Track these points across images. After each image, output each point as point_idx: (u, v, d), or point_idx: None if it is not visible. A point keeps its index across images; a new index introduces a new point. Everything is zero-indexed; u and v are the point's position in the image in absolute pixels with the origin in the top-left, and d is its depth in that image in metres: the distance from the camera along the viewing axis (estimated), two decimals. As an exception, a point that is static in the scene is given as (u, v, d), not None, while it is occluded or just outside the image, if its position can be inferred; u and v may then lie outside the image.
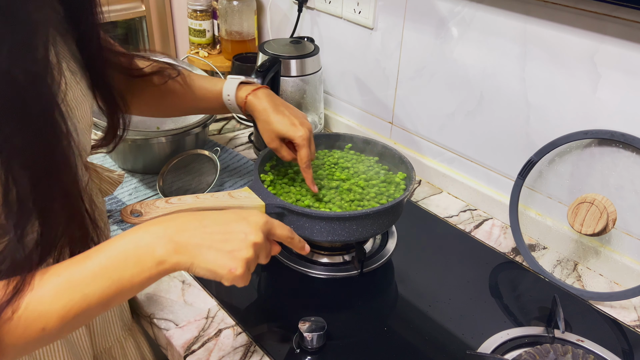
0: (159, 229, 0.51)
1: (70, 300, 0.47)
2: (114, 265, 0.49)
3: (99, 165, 0.80)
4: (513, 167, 1.01)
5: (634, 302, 0.87)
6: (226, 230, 0.53)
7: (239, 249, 0.52)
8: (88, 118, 0.62)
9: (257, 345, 0.75)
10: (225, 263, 0.52)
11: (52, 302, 0.46)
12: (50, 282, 0.47)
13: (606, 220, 0.82)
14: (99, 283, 0.48)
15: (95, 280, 0.48)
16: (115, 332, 0.77)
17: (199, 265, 0.51)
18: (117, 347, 0.77)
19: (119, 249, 0.50)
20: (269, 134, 0.83)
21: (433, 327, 0.80)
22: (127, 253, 0.49)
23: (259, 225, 0.55)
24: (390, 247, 0.95)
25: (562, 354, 0.70)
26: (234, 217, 0.55)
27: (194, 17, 1.48)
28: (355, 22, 1.20)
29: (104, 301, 0.49)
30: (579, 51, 0.85)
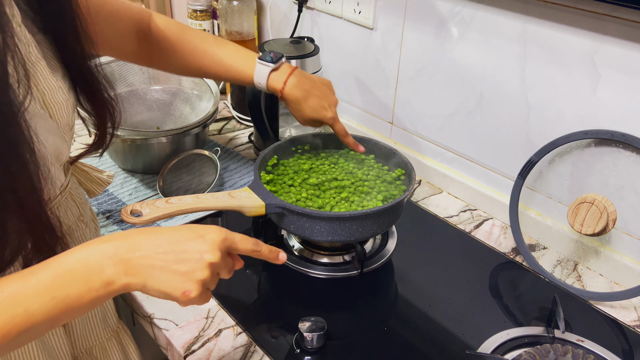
0: (108, 248, 0.48)
1: (13, 317, 0.44)
2: (60, 284, 0.46)
3: (89, 165, 0.79)
4: (513, 167, 1.01)
5: (634, 302, 0.87)
6: (181, 250, 0.50)
7: (194, 270, 0.49)
8: (68, 118, 0.61)
9: (257, 345, 0.75)
10: (179, 285, 0.49)
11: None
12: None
13: (606, 220, 0.82)
14: (43, 301, 0.45)
15: (39, 298, 0.45)
16: (96, 333, 0.75)
17: (152, 287, 0.49)
18: (98, 347, 0.76)
19: (66, 267, 0.47)
20: (301, 119, 0.91)
21: (433, 327, 0.80)
22: (74, 272, 0.47)
23: (216, 244, 0.51)
24: (390, 247, 0.95)
25: (562, 354, 0.70)
26: (190, 235, 0.51)
27: (194, 17, 1.48)
28: (355, 22, 1.20)
29: (50, 319, 0.46)
30: (579, 51, 0.85)
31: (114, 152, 1.12)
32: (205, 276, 0.50)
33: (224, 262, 0.52)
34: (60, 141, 0.60)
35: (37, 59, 0.57)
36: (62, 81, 0.60)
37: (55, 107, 0.59)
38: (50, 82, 0.58)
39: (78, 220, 0.70)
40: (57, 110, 0.59)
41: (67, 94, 0.61)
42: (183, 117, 1.21)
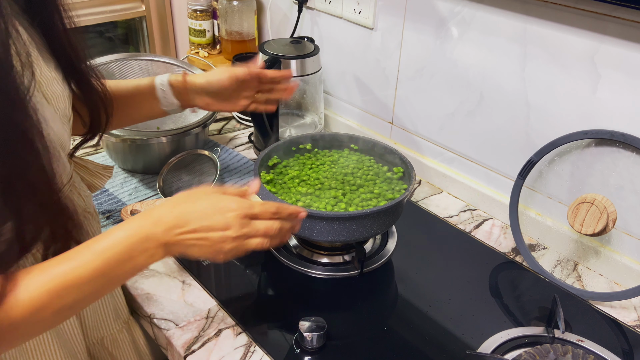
0: (147, 232, 0.55)
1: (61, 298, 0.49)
2: (109, 266, 0.52)
3: (89, 160, 0.79)
4: (513, 167, 1.01)
5: (634, 302, 0.87)
6: (206, 227, 0.57)
7: (219, 244, 0.57)
8: (65, 109, 0.62)
9: (257, 345, 0.75)
10: (209, 256, 0.58)
11: (49, 297, 0.49)
12: (45, 279, 0.49)
13: (606, 220, 0.82)
14: (97, 282, 0.51)
15: (93, 281, 0.51)
16: (108, 324, 0.77)
17: (188, 254, 0.58)
18: (109, 339, 0.77)
19: (112, 251, 0.53)
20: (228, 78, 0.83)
21: (433, 327, 0.80)
22: (121, 254, 0.53)
23: (237, 219, 0.58)
24: (390, 247, 0.95)
25: (562, 354, 0.70)
26: (212, 211, 0.58)
27: (194, 17, 1.48)
28: (355, 22, 1.20)
29: (97, 295, 0.53)
30: (579, 51, 0.85)
31: (114, 152, 1.12)
32: (229, 247, 0.58)
33: (249, 229, 0.59)
34: (62, 130, 0.61)
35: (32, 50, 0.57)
36: (56, 72, 0.61)
37: (53, 98, 0.59)
38: (46, 72, 0.59)
39: (85, 212, 0.71)
40: (55, 100, 0.60)
41: (62, 85, 0.61)
42: (183, 117, 1.21)
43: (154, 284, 0.85)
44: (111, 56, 1.18)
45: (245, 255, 0.60)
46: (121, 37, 1.71)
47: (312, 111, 1.26)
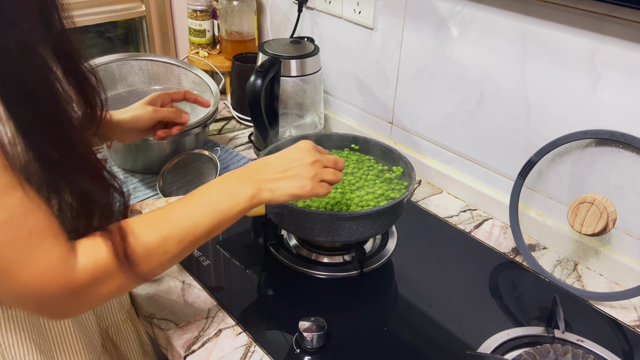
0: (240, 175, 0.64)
1: (185, 227, 0.57)
2: (216, 200, 0.61)
3: None
4: (513, 167, 1.00)
5: (634, 302, 0.87)
6: (286, 162, 0.67)
7: (301, 172, 0.66)
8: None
9: (257, 345, 0.75)
10: (295, 185, 0.65)
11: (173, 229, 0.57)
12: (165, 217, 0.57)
13: (606, 220, 0.82)
14: (207, 213, 0.59)
15: (204, 212, 0.59)
16: (112, 314, 0.78)
17: (279, 193, 0.65)
18: (113, 328, 0.78)
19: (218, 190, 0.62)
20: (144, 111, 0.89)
21: (433, 327, 0.80)
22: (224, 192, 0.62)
23: (309, 148, 0.69)
24: (390, 247, 0.95)
25: (562, 354, 0.70)
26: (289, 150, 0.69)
27: (194, 17, 1.48)
28: (355, 22, 1.20)
29: (210, 228, 0.59)
30: (579, 51, 0.85)
31: (113, 152, 1.12)
32: (312, 172, 0.67)
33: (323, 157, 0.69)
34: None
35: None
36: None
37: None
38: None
39: None
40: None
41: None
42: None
43: (154, 284, 0.85)
44: (111, 56, 1.18)
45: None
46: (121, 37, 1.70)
47: (312, 111, 1.26)
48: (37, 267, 0.48)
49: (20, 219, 0.47)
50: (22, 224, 0.47)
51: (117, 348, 0.79)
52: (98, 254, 0.51)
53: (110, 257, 0.52)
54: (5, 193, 0.46)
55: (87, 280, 0.51)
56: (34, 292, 0.49)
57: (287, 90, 1.19)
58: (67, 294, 0.50)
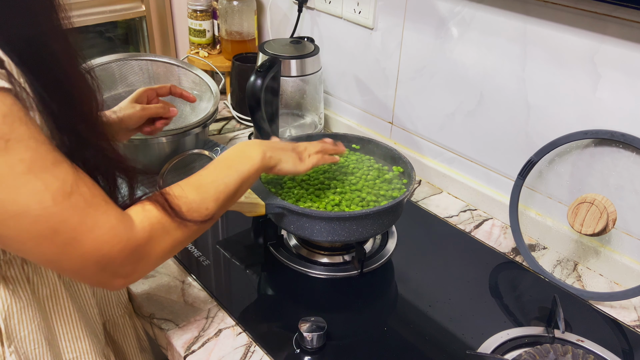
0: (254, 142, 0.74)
1: (217, 187, 0.65)
2: (237, 163, 0.69)
3: None
4: (513, 167, 1.00)
5: (634, 302, 0.87)
6: (293, 146, 0.80)
7: (303, 155, 0.80)
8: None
9: (257, 345, 0.75)
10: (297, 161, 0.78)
11: (207, 190, 0.64)
12: (200, 180, 0.64)
13: (606, 220, 0.82)
14: (232, 175, 0.67)
15: (230, 173, 0.67)
16: (110, 307, 0.78)
17: (286, 160, 0.76)
18: (110, 323, 0.78)
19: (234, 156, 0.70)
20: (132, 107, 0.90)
21: (433, 327, 0.80)
22: (242, 156, 0.71)
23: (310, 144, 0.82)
24: (390, 247, 0.95)
25: (562, 354, 0.70)
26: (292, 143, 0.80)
27: (194, 17, 1.48)
28: (355, 22, 1.20)
29: (237, 187, 0.67)
30: (579, 51, 0.85)
31: (114, 152, 1.12)
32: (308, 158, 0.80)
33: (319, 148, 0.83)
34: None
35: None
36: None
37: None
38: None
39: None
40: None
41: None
42: (183, 117, 1.21)
43: (154, 284, 0.85)
44: (111, 56, 1.18)
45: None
46: (121, 37, 1.70)
47: (312, 111, 1.26)
48: (99, 230, 0.50)
49: (75, 187, 0.49)
50: (77, 191, 0.49)
51: (114, 342, 0.79)
52: (150, 211, 0.56)
53: (161, 212, 0.57)
54: (57, 165, 0.49)
55: (146, 237, 0.55)
56: (99, 255, 0.51)
57: (287, 90, 1.19)
58: (129, 254, 0.53)
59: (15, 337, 0.59)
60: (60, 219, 0.48)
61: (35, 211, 0.47)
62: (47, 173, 0.47)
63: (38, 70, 0.49)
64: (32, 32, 0.48)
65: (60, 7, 0.51)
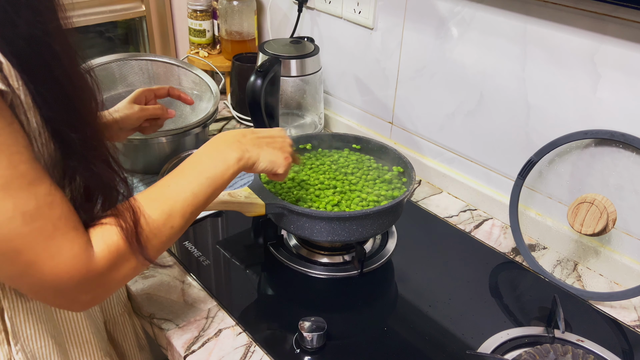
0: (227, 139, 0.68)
1: (185, 199, 0.59)
2: (207, 168, 0.63)
3: None
4: (513, 167, 1.00)
5: (634, 302, 0.87)
6: (271, 135, 0.73)
7: (284, 148, 0.73)
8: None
9: (257, 345, 0.75)
10: (279, 155, 0.71)
11: (174, 204, 0.58)
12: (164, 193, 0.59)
13: (606, 220, 0.82)
14: (201, 182, 0.61)
15: (198, 181, 0.61)
16: (110, 306, 0.78)
17: (264, 158, 0.69)
18: (111, 322, 0.78)
19: (206, 158, 0.64)
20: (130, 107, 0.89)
21: (433, 327, 0.80)
22: (213, 158, 0.64)
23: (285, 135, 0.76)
24: (390, 247, 0.95)
25: (562, 354, 0.70)
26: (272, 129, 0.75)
27: (194, 17, 1.48)
28: (355, 22, 1.20)
29: (207, 195, 0.61)
30: (579, 51, 0.85)
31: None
32: (290, 150, 0.74)
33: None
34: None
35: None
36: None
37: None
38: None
39: None
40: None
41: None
42: (183, 117, 1.21)
43: (154, 284, 0.85)
44: (111, 56, 1.18)
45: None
46: (121, 37, 1.70)
47: (312, 111, 1.26)
48: (61, 258, 0.49)
49: (47, 210, 0.48)
50: (48, 215, 0.48)
51: (113, 341, 0.79)
52: (110, 238, 0.53)
53: (121, 240, 0.53)
54: (34, 183, 0.47)
55: (106, 266, 0.52)
56: (59, 282, 0.50)
57: (287, 90, 1.19)
58: (89, 282, 0.52)
59: (21, 336, 0.59)
60: (25, 241, 0.47)
61: (2, 230, 0.46)
62: (22, 192, 0.46)
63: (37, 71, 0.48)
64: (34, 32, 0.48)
65: (62, 7, 0.51)
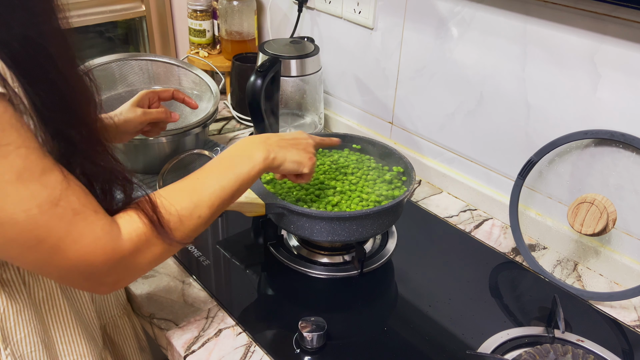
0: (253, 140, 0.71)
1: (213, 192, 0.62)
2: (235, 164, 0.66)
3: None
4: (513, 167, 1.00)
5: (634, 302, 0.87)
6: (295, 137, 0.76)
7: (308, 148, 0.76)
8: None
9: (257, 345, 0.75)
10: (304, 155, 0.74)
11: (201, 195, 0.61)
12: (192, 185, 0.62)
13: (606, 220, 0.82)
14: (228, 177, 0.64)
15: (226, 176, 0.64)
16: (110, 309, 0.78)
17: (289, 159, 0.72)
18: (111, 324, 0.78)
19: (235, 156, 0.68)
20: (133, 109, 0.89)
21: (433, 327, 0.80)
22: (241, 156, 0.68)
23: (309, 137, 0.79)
24: (390, 247, 0.95)
25: (562, 354, 0.70)
26: (296, 132, 0.79)
27: (194, 17, 1.48)
28: (355, 22, 1.20)
29: (234, 190, 0.65)
30: (579, 51, 0.85)
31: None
32: (314, 151, 0.77)
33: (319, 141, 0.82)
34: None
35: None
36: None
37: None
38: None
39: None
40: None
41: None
42: (183, 117, 1.21)
43: (154, 284, 0.85)
44: (111, 56, 1.18)
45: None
46: (121, 37, 1.70)
47: (312, 111, 1.26)
48: (85, 240, 0.50)
49: (63, 197, 0.49)
50: (65, 201, 0.49)
51: (114, 344, 0.79)
52: (136, 224, 0.55)
53: (146, 226, 0.55)
54: (47, 174, 0.48)
55: (132, 248, 0.54)
56: (84, 265, 0.51)
57: (287, 90, 1.19)
58: (114, 264, 0.53)
59: (11, 340, 0.59)
60: (46, 228, 0.48)
61: (21, 220, 0.47)
62: (36, 182, 0.47)
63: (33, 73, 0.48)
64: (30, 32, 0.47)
65: (59, 8, 0.51)
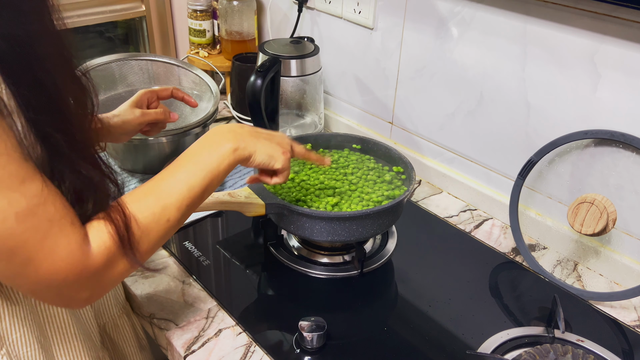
0: (223, 130, 0.66)
1: (180, 192, 0.59)
2: (203, 159, 0.62)
3: None
4: (513, 167, 1.00)
5: (634, 302, 0.87)
6: (268, 133, 0.71)
7: (283, 143, 0.71)
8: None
9: (257, 345, 0.75)
10: (277, 149, 0.69)
11: (169, 197, 0.58)
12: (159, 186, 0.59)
13: (606, 220, 0.82)
14: (196, 174, 0.60)
15: (194, 173, 0.60)
16: (109, 309, 0.78)
17: (261, 150, 0.67)
18: (110, 324, 0.78)
19: (202, 149, 0.63)
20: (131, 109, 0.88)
21: (433, 327, 0.80)
22: (209, 149, 0.63)
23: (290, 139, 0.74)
24: (390, 247, 0.95)
25: (562, 354, 0.70)
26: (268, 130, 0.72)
27: (194, 17, 1.48)
28: (355, 22, 1.20)
29: (203, 188, 0.61)
30: (579, 51, 0.85)
31: (113, 152, 1.12)
32: (289, 147, 0.72)
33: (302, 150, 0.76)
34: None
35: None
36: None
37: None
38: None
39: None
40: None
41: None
42: (183, 117, 1.21)
43: (154, 284, 0.85)
44: (111, 56, 1.18)
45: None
46: (121, 37, 1.70)
47: (312, 111, 1.26)
48: (58, 254, 0.49)
49: (41, 207, 0.47)
50: (42, 212, 0.47)
51: (114, 344, 0.79)
52: (102, 238, 0.52)
53: (112, 241, 0.53)
54: (25, 182, 0.46)
55: (102, 264, 0.52)
56: (56, 279, 0.49)
57: (287, 90, 1.19)
58: (86, 279, 0.51)
59: (7, 340, 0.59)
60: (21, 239, 0.47)
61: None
62: (14, 191, 0.46)
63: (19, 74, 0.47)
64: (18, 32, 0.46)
65: (53, 8, 0.50)
